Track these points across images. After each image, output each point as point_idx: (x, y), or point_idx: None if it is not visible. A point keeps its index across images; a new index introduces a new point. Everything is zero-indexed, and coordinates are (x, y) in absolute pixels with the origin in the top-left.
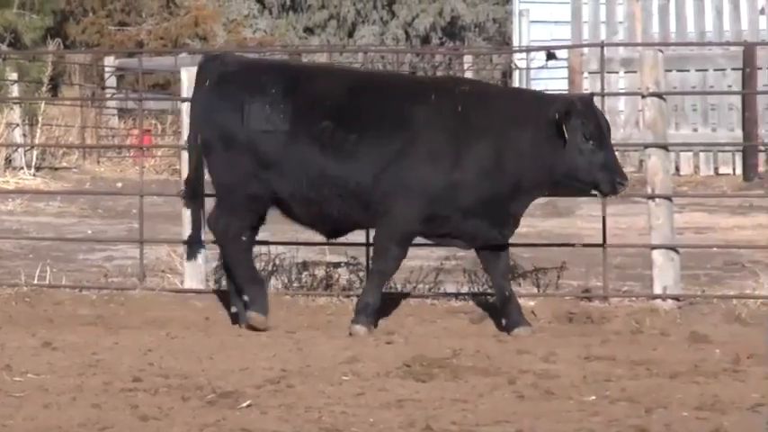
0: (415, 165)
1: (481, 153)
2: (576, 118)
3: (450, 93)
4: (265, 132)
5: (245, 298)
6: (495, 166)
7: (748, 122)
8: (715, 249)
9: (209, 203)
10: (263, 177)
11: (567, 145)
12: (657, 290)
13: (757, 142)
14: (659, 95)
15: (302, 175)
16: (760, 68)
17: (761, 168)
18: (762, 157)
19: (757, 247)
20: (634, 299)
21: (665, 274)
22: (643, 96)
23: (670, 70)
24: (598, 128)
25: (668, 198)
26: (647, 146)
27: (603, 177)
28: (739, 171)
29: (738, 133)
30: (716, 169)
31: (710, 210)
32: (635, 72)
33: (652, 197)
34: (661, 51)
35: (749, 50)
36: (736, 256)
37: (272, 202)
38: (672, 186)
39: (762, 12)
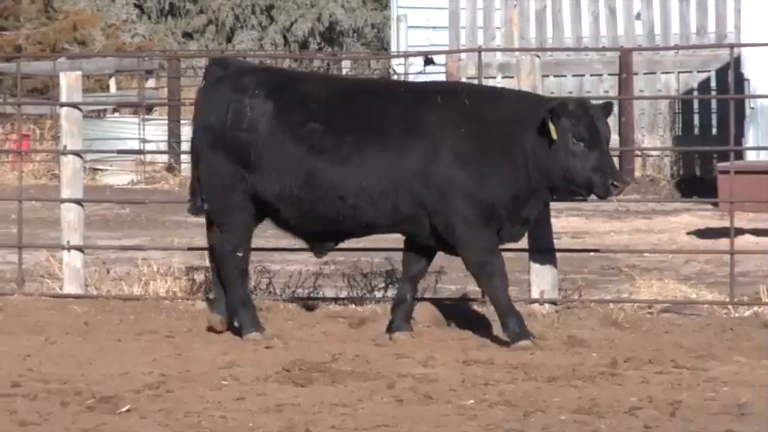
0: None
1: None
2: (567, 119)
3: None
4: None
5: (235, 323)
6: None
7: (624, 127)
8: (592, 254)
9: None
10: (249, 181)
11: (556, 146)
12: (535, 294)
13: (633, 147)
14: None
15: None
16: (636, 73)
17: (637, 173)
18: (638, 162)
19: (633, 251)
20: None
21: (542, 278)
22: None
23: (547, 75)
24: (591, 130)
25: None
26: None
27: (597, 180)
28: None
29: (614, 138)
30: None
31: (587, 214)
32: (512, 77)
33: None
34: (538, 56)
35: (625, 56)
36: (612, 261)
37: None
38: None
39: (638, 17)
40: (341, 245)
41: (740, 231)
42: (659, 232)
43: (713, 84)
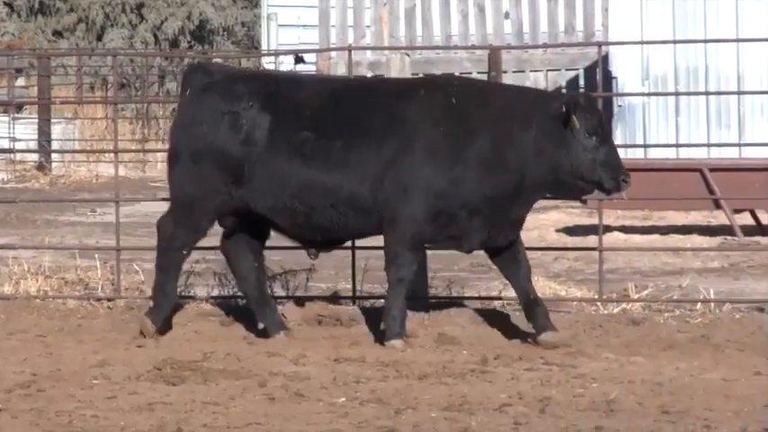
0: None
1: (484, 151)
2: (581, 113)
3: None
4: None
5: (150, 304)
6: (498, 163)
7: None
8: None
9: None
10: (234, 192)
11: (567, 141)
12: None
13: None
14: None
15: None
16: (505, 72)
17: None
18: None
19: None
20: (383, 301)
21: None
22: None
23: (417, 74)
24: (601, 125)
25: None
26: None
27: (607, 175)
28: None
29: None
30: None
31: None
32: (382, 75)
33: None
34: (408, 55)
35: (494, 54)
36: (483, 258)
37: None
38: None
39: (507, 16)
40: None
41: (608, 229)
42: (528, 229)
43: (581, 82)
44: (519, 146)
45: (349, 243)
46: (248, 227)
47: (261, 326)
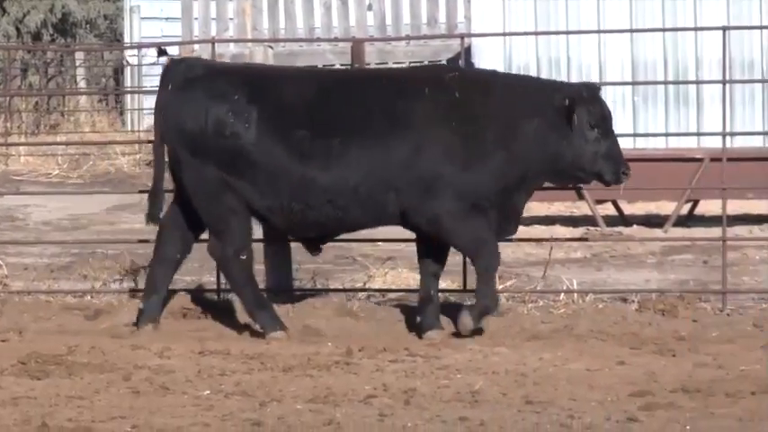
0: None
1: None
2: (582, 106)
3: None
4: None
5: (257, 326)
6: (508, 154)
7: None
8: (329, 243)
9: None
10: (237, 186)
11: (569, 132)
12: (270, 283)
13: None
14: None
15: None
16: (368, 64)
17: None
18: None
19: (367, 240)
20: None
21: (277, 268)
22: None
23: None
24: (603, 117)
25: None
26: None
27: (607, 167)
28: None
29: None
30: None
31: None
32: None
33: None
34: (271, 47)
35: (357, 46)
36: (347, 251)
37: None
38: None
39: (369, 8)
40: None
41: None
42: None
43: None
44: (523, 136)
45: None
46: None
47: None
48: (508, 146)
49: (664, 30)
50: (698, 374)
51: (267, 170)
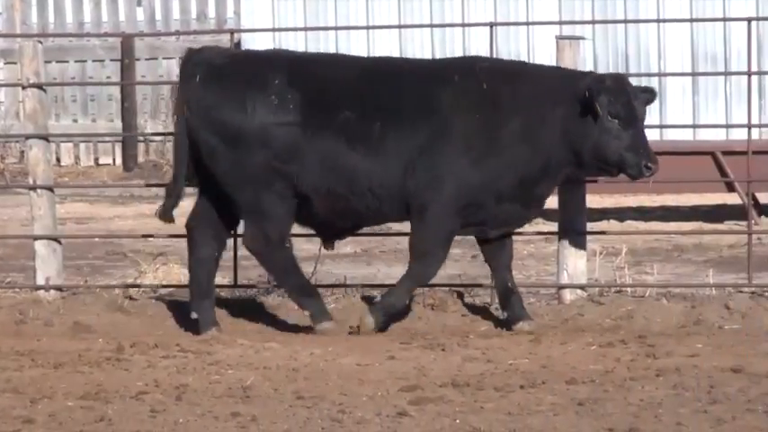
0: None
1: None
2: (605, 95)
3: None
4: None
5: (306, 314)
6: (529, 145)
7: (127, 113)
8: (97, 240)
9: None
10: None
11: (590, 122)
12: (40, 281)
13: (136, 132)
14: (39, 86)
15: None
16: (138, 59)
17: (140, 159)
18: (141, 147)
19: (138, 236)
20: (17, 290)
21: (47, 264)
22: (23, 87)
23: (50, 61)
24: (627, 107)
25: (50, 189)
26: (27, 137)
27: (630, 159)
28: (119, 161)
29: (118, 124)
30: (96, 160)
31: (91, 200)
32: (15, 63)
33: (34, 188)
34: (40, 42)
35: (127, 41)
36: (117, 246)
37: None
38: (53, 177)
39: (139, 3)
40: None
41: None
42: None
43: None
44: (548, 126)
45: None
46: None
47: (194, 316)
48: (532, 137)
49: (425, 26)
50: (467, 369)
51: (314, 154)
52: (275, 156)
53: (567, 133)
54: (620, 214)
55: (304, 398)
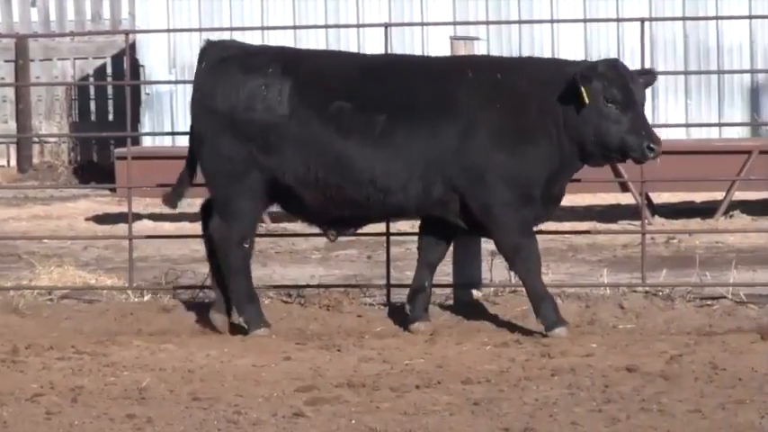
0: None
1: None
2: (598, 81)
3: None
4: None
5: (240, 319)
6: (545, 138)
7: (22, 114)
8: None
9: None
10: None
11: (588, 110)
12: None
13: (31, 134)
14: None
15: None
16: (33, 60)
17: (35, 160)
18: (36, 148)
19: (33, 237)
20: None
21: None
22: None
23: None
24: (623, 90)
25: None
26: None
27: (632, 142)
28: (14, 163)
29: (13, 125)
30: None
31: None
32: None
33: None
34: None
35: (21, 42)
36: (12, 248)
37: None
38: None
39: (33, 4)
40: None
41: (138, 217)
42: (58, 218)
43: (109, 70)
44: (556, 118)
45: None
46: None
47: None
48: (547, 129)
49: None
50: (363, 369)
51: (301, 142)
52: (260, 149)
53: (568, 124)
54: None
55: (200, 399)
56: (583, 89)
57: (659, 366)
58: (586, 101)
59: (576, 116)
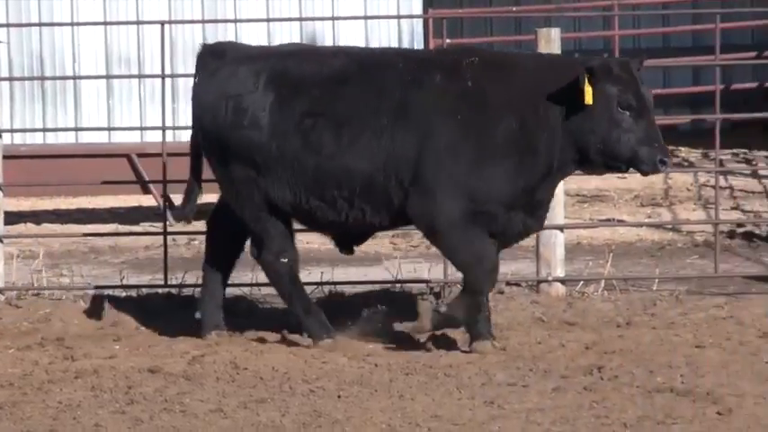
0: None
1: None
2: (612, 84)
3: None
4: None
5: (305, 334)
6: (528, 148)
7: None
8: None
9: None
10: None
11: (597, 115)
12: None
13: None
14: None
15: None
16: None
17: None
18: None
19: None
20: None
21: None
22: None
23: None
24: (638, 96)
25: None
26: None
27: (644, 155)
28: None
29: None
30: None
31: None
32: None
33: None
34: None
35: None
36: None
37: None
38: None
39: None
40: None
41: None
42: None
43: None
44: (546, 124)
45: None
46: None
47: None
48: (531, 137)
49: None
50: None
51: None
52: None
53: (566, 130)
54: (37, 217)
55: None
56: (587, 89)
57: (181, 367)
58: (589, 102)
59: (580, 121)
